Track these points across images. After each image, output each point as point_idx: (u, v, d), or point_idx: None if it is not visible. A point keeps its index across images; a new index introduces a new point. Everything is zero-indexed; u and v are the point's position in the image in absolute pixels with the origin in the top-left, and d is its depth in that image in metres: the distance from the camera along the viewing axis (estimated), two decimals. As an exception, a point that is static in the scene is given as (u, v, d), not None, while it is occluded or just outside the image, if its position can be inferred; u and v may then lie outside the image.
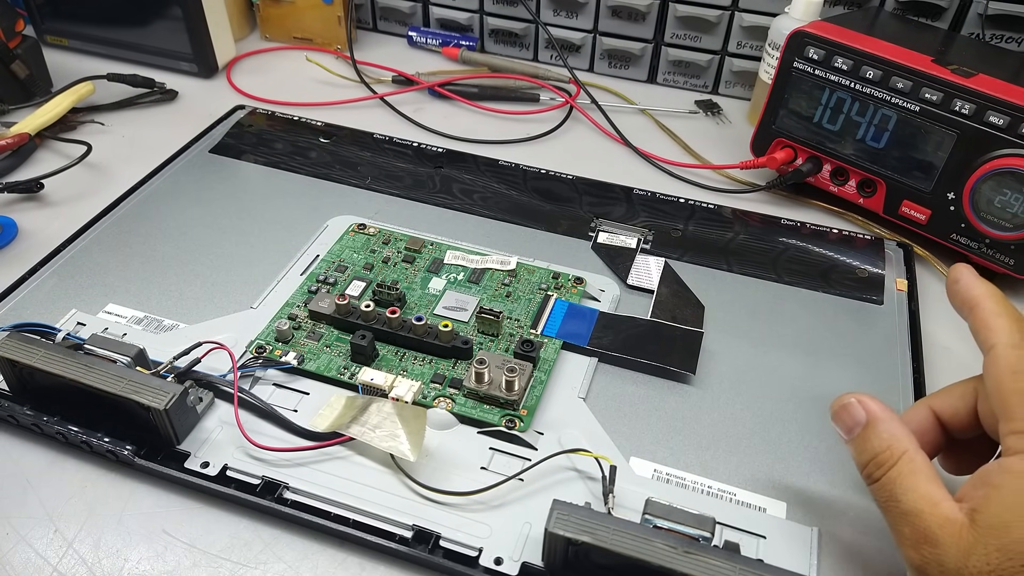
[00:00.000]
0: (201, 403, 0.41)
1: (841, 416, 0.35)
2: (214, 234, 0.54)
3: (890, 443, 0.32)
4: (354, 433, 0.39)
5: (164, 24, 0.73)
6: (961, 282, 0.35)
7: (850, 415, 0.34)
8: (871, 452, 0.33)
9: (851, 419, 0.34)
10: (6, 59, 0.66)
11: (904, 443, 0.32)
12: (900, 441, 0.32)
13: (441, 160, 0.63)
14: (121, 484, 0.39)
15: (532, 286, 0.50)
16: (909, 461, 0.32)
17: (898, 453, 0.32)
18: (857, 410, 0.34)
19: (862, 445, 0.33)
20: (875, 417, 0.33)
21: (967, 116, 0.49)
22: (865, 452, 0.33)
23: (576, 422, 0.42)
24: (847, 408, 0.34)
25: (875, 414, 0.33)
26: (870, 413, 0.33)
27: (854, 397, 0.34)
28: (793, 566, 0.35)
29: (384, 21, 0.85)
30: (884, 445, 0.32)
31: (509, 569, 0.35)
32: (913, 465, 0.32)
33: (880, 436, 0.33)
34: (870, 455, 0.33)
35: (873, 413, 0.33)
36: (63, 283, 0.49)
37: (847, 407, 0.34)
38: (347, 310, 0.45)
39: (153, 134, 0.67)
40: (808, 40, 0.55)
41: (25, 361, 0.39)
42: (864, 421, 0.33)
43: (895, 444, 0.32)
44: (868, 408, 0.34)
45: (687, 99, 0.74)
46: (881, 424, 0.33)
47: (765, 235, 0.56)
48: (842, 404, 0.35)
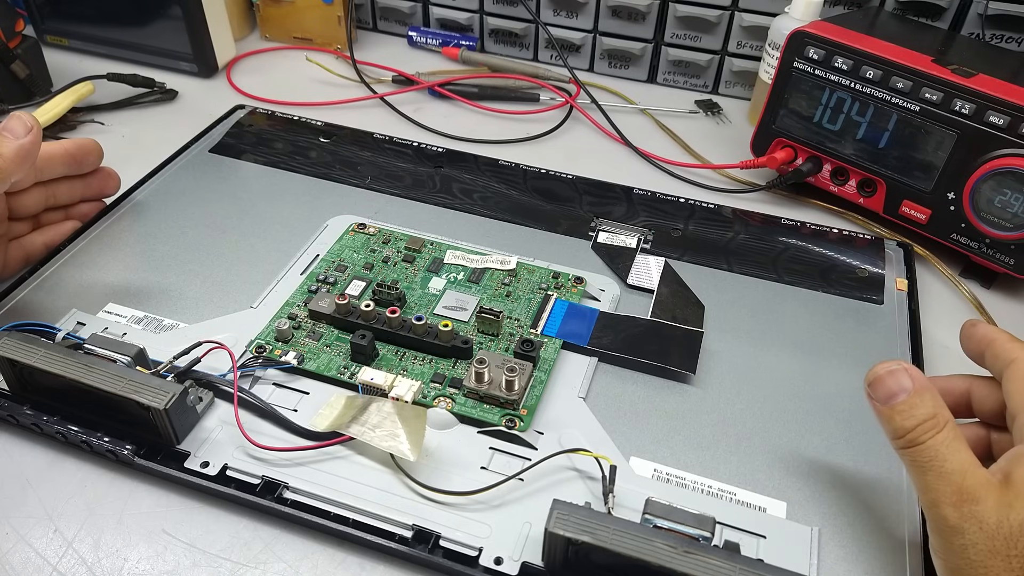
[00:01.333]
0: (201, 403, 0.41)
1: (886, 381, 0.35)
2: (214, 234, 0.54)
3: (938, 410, 0.34)
4: (354, 433, 0.39)
5: (164, 24, 0.73)
6: (978, 328, 0.39)
7: (896, 380, 0.35)
8: (920, 417, 0.34)
9: (897, 384, 0.35)
10: (6, 59, 0.66)
11: (947, 411, 0.34)
12: (944, 410, 0.34)
13: (441, 160, 0.63)
14: (121, 484, 0.39)
15: (532, 286, 0.50)
16: (953, 428, 0.33)
17: (944, 420, 0.33)
18: (904, 376, 0.35)
19: (908, 411, 0.34)
20: (923, 385, 0.34)
21: (967, 116, 0.49)
22: (913, 417, 0.34)
23: (576, 422, 0.42)
24: (894, 374, 0.35)
25: (923, 382, 0.35)
26: (916, 381, 0.34)
27: (901, 364, 0.35)
28: (793, 566, 0.35)
29: (384, 21, 0.85)
30: (933, 411, 0.34)
31: (509, 569, 0.35)
32: (956, 431, 0.33)
33: (927, 403, 0.34)
34: (919, 419, 0.34)
35: (921, 381, 0.35)
36: (63, 282, 0.49)
37: (894, 373, 0.35)
38: (347, 310, 0.45)
39: (153, 134, 0.67)
40: (808, 40, 0.55)
41: (25, 361, 0.39)
42: (911, 387, 0.34)
43: (941, 411, 0.34)
44: (915, 376, 0.35)
45: (687, 99, 0.74)
46: (928, 392, 0.34)
47: (765, 235, 0.56)
48: (889, 370, 0.35)
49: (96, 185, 0.54)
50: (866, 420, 0.43)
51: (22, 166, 0.44)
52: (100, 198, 0.55)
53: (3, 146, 0.43)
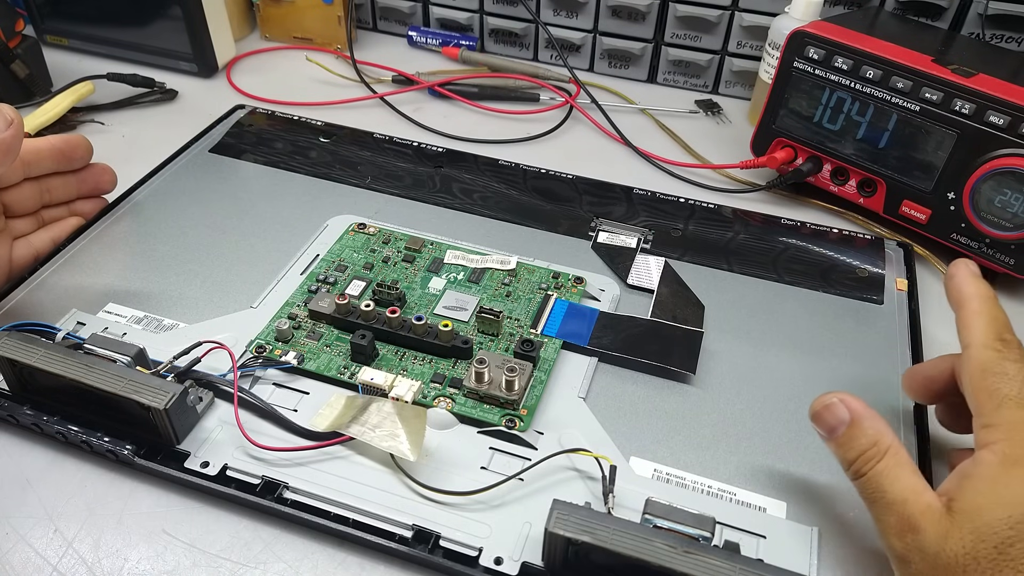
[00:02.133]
0: (201, 403, 0.41)
1: (824, 416, 0.35)
2: (214, 234, 0.54)
3: (877, 439, 0.33)
4: (354, 433, 0.39)
5: (164, 24, 0.73)
6: (955, 279, 0.37)
7: (833, 414, 0.35)
8: (859, 448, 0.34)
9: (835, 418, 0.35)
10: (6, 59, 0.66)
11: (889, 438, 0.34)
12: (885, 436, 0.34)
13: (441, 160, 0.63)
14: (121, 484, 0.39)
15: (532, 286, 0.50)
16: (895, 454, 0.33)
17: (884, 447, 0.33)
18: (840, 409, 0.35)
19: (849, 443, 0.34)
20: (859, 415, 0.34)
21: (967, 116, 0.49)
22: (853, 449, 0.34)
23: (576, 422, 0.42)
24: (830, 408, 0.35)
25: (859, 412, 0.34)
26: (853, 411, 0.34)
27: (836, 396, 0.35)
28: (793, 566, 0.35)
29: (384, 21, 0.85)
30: (871, 441, 0.33)
31: (509, 569, 0.35)
32: (899, 458, 0.33)
33: (866, 433, 0.34)
34: (858, 451, 0.34)
35: (856, 411, 0.34)
36: (63, 282, 0.49)
37: (830, 407, 0.35)
38: (347, 310, 0.45)
39: (153, 134, 0.67)
40: (808, 40, 0.55)
41: (25, 361, 0.39)
42: (848, 419, 0.34)
43: (881, 439, 0.33)
44: (851, 406, 0.35)
45: (687, 99, 0.74)
46: (865, 421, 0.34)
47: (765, 235, 0.56)
48: (825, 404, 0.35)
49: (90, 181, 0.54)
50: (866, 420, 0.43)
51: (4, 161, 0.44)
52: (96, 194, 0.55)
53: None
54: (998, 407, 0.32)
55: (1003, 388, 0.32)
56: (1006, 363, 0.33)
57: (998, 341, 0.34)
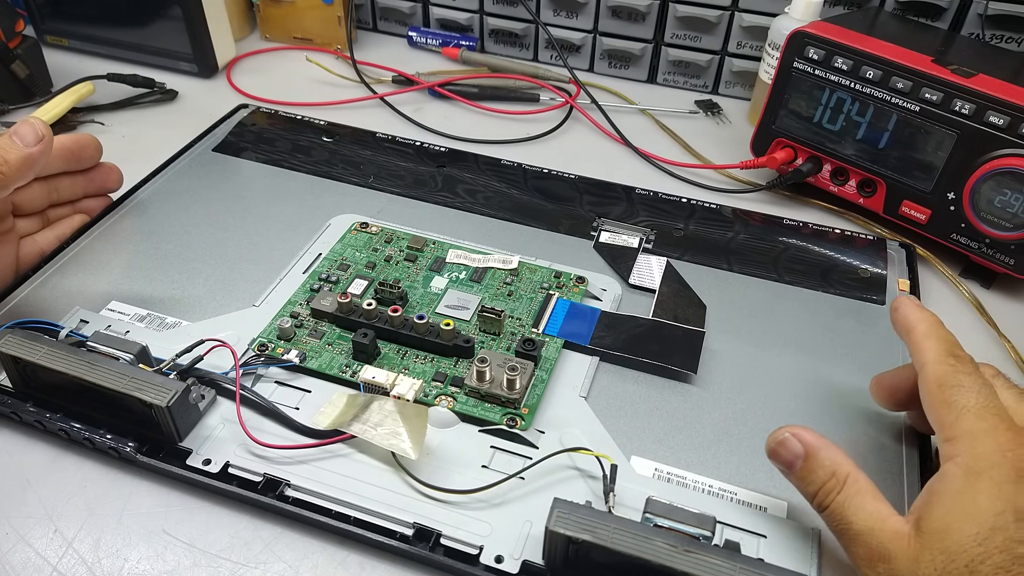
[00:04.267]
0: (203, 400, 0.41)
1: (779, 452, 0.35)
2: (217, 232, 0.54)
3: (834, 469, 0.33)
4: (355, 431, 0.39)
5: (164, 24, 0.73)
6: (900, 310, 0.38)
7: (788, 450, 0.35)
8: (818, 482, 0.34)
9: (789, 453, 0.35)
10: (6, 59, 0.66)
11: (846, 467, 0.34)
12: (842, 466, 0.34)
13: (443, 159, 0.63)
14: (122, 483, 0.39)
15: (534, 285, 0.50)
16: (854, 483, 0.33)
17: (842, 478, 0.33)
18: (794, 444, 0.35)
19: (807, 476, 0.34)
20: (813, 447, 0.34)
21: (967, 116, 0.50)
22: (812, 483, 0.34)
23: (577, 421, 0.42)
24: (784, 444, 0.35)
25: (811, 444, 0.34)
26: (807, 444, 0.34)
27: (788, 431, 0.35)
28: (793, 566, 0.35)
29: (384, 21, 0.85)
30: (828, 473, 0.34)
31: (510, 567, 0.35)
32: (858, 486, 0.33)
33: (823, 465, 0.34)
34: (817, 485, 0.34)
35: (809, 444, 0.34)
36: (66, 281, 0.49)
37: (783, 443, 0.35)
38: (349, 308, 0.45)
39: (153, 134, 0.67)
40: (808, 40, 0.55)
41: (28, 358, 0.39)
42: (802, 453, 0.34)
43: (838, 470, 0.33)
44: (804, 440, 0.35)
45: (687, 99, 0.75)
46: (821, 452, 0.34)
47: (766, 235, 0.56)
48: (777, 441, 0.35)
49: (98, 180, 0.54)
50: (866, 420, 0.43)
51: (26, 175, 0.44)
52: (103, 193, 0.55)
53: (10, 152, 0.43)
54: (957, 419, 0.32)
55: (960, 399, 0.33)
56: (961, 375, 0.34)
57: (951, 357, 0.34)
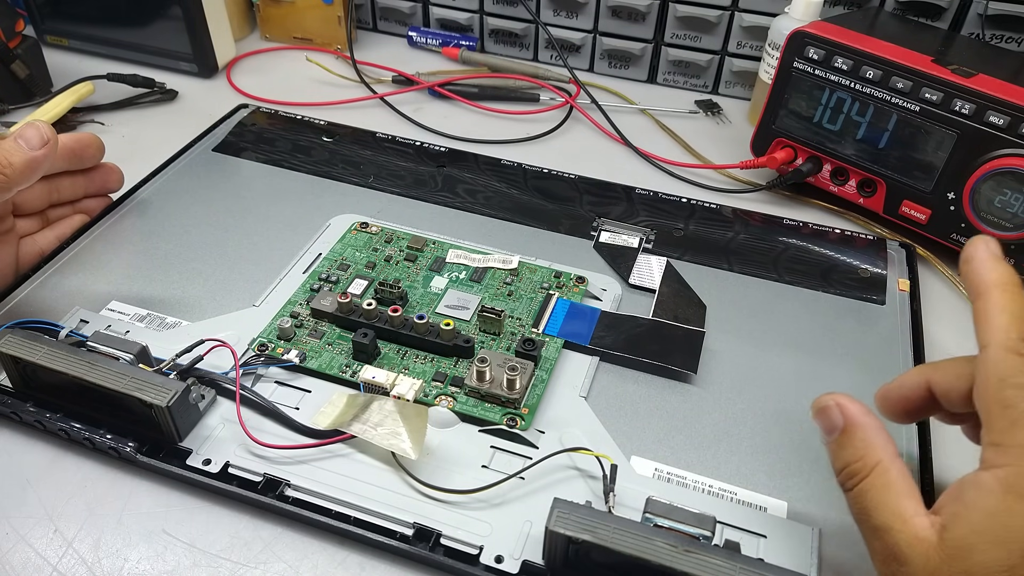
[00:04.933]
0: (203, 400, 0.41)
1: (820, 418, 0.34)
2: (217, 232, 0.54)
3: (863, 453, 0.31)
4: (355, 431, 0.39)
5: (164, 24, 0.73)
6: (973, 263, 0.31)
7: (827, 418, 0.33)
8: (845, 460, 0.32)
9: (829, 422, 0.33)
10: (6, 59, 0.66)
11: (878, 453, 0.31)
12: (874, 451, 0.31)
13: (443, 159, 0.63)
14: (121, 483, 0.39)
15: (534, 285, 0.50)
16: (882, 473, 0.31)
17: (871, 464, 0.31)
18: (835, 413, 0.33)
19: (837, 451, 0.32)
20: (852, 423, 0.32)
21: (967, 116, 0.50)
22: (839, 459, 0.32)
23: (577, 421, 0.42)
24: (825, 411, 0.33)
25: (853, 420, 0.32)
26: (848, 418, 0.32)
27: (833, 399, 0.33)
28: (793, 566, 0.35)
29: (384, 21, 0.85)
30: (857, 455, 0.31)
31: (510, 567, 0.35)
32: (886, 478, 0.30)
33: (854, 445, 0.32)
34: (844, 463, 0.32)
35: (851, 418, 0.32)
36: (66, 280, 0.49)
37: (825, 410, 0.33)
38: (349, 308, 0.45)
39: (153, 134, 0.67)
40: (808, 40, 0.55)
41: (28, 358, 0.39)
42: (841, 426, 0.32)
43: (868, 454, 0.31)
44: (846, 412, 0.32)
45: (687, 99, 0.74)
46: (857, 431, 0.32)
47: (766, 235, 0.56)
48: (821, 406, 0.33)
49: (99, 180, 0.54)
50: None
51: (30, 178, 0.44)
52: (104, 193, 0.55)
53: (14, 155, 0.43)
54: (1012, 425, 0.28)
55: (1021, 403, 0.28)
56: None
57: (1022, 343, 0.29)
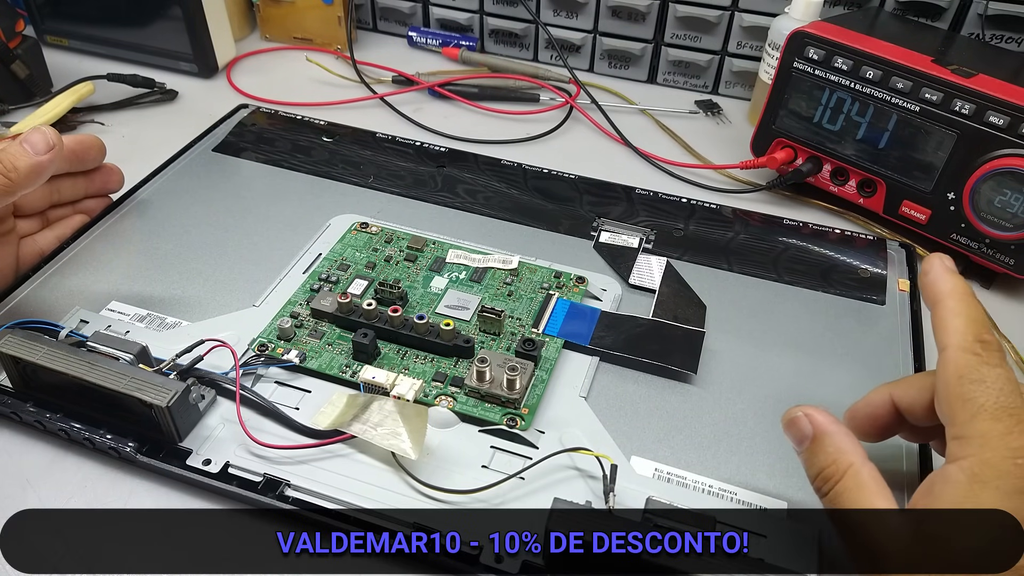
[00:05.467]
0: (203, 400, 0.41)
1: (791, 430, 0.35)
2: (217, 232, 0.54)
3: (835, 457, 0.32)
4: (355, 431, 0.39)
5: (164, 24, 0.73)
6: (930, 275, 0.34)
7: (798, 429, 0.34)
8: (818, 467, 0.33)
9: (799, 433, 0.34)
10: (6, 59, 0.66)
11: (849, 457, 0.32)
12: (845, 455, 0.32)
13: (443, 159, 0.63)
14: (121, 483, 0.39)
15: (534, 285, 0.50)
16: (855, 475, 0.32)
17: (843, 467, 0.32)
18: (804, 424, 0.34)
19: (810, 459, 0.34)
20: (821, 431, 0.33)
21: (967, 116, 0.50)
22: (813, 466, 0.33)
23: (577, 421, 0.42)
24: (793, 423, 0.34)
25: (821, 428, 0.33)
26: (816, 427, 0.34)
27: (801, 411, 0.34)
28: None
29: (384, 21, 0.85)
30: (830, 460, 0.33)
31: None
32: (859, 479, 0.32)
33: (826, 451, 0.33)
34: (817, 469, 0.33)
35: (820, 427, 0.33)
36: (66, 281, 0.49)
37: (794, 421, 0.34)
38: (349, 308, 0.45)
39: (153, 134, 0.67)
40: (808, 40, 0.55)
41: (28, 358, 0.39)
42: (811, 435, 0.34)
43: (840, 458, 0.32)
44: (815, 422, 0.34)
45: (687, 99, 0.75)
46: (827, 438, 0.33)
47: (766, 235, 0.56)
48: (790, 418, 0.35)
49: (99, 181, 0.54)
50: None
51: (34, 182, 0.44)
52: (104, 194, 0.55)
53: (20, 159, 0.43)
54: (972, 418, 0.30)
55: (979, 397, 0.30)
56: (984, 368, 0.31)
57: (977, 343, 0.31)
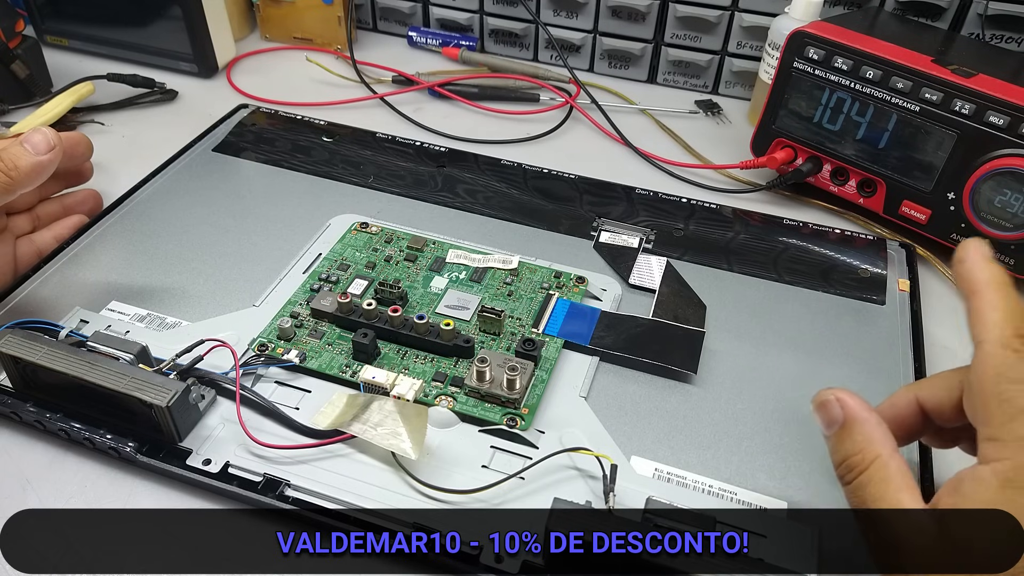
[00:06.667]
0: (203, 400, 0.41)
1: (820, 412, 0.34)
2: (217, 232, 0.54)
3: (863, 447, 0.31)
4: (355, 431, 0.39)
5: (164, 24, 0.73)
6: (966, 263, 0.32)
7: (828, 412, 0.33)
8: (844, 454, 0.32)
9: (829, 416, 0.33)
10: (6, 59, 0.66)
11: (877, 447, 0.31)
12: (873, 445, 0.31)
13: (443, 159, 0.63)
14: (121, 483, 0.39)
15: (534, 285, 0.50)
16: (881, 467, 0.31)
17: (870, 458, 0.31)
18: (835, 408, 0.33)
19: (837, 445, 0.33)
20: (852, 418, 0.32)
21: (967, 116, 0.50)
22: (838, 453, 0.32)
23: (577, 421, 0.42)
24: (825, 405, 0.33)
25: (852, 414, 0.32)
26: (848, 413, 0.33)
27: (833, 394, 0.33)
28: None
29: (384, 21, 0.85)
30: (856, 448, 0.32)
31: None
32: (885, 472, 0.31)
33: (854, 439, 0.32)
34: (843, 456, 0.32)
35: (851, 413, 0.32)
36: (66, 281, 0.49)
37: (825, 404, 0.33)
38: (349, 308, 0.45)
39: (153, 134, 0.67)
40: (808, 40, 0.55)
41: (28, 358, 0.39)
42: (841, 420, 0.33)
43: (867, 448, 0.31)
44: (846, 407, 0.33)
45: (687, 99, 0.74)
46: (856, 426, 0.32)
47: (766, 235, 0.56)
48: (822, 400, 0.34)
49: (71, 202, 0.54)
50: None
51: (34, 182, 0.45)
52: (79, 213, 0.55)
53: (21, 159, 0.43)
54: (1010, 420, 0.28)
55: (1018, 398, 0.28)
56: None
57: (1016, 339, 0.29)
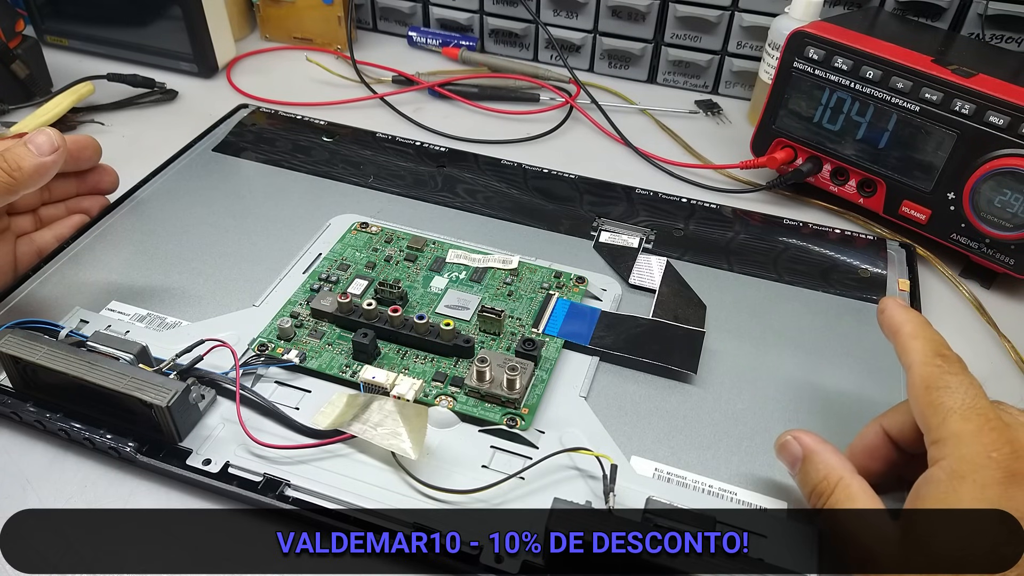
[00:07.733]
0: (203, 400, 0.41)
1: (782, 454, 0.37)
2: (217, 232, 0.54)
3: (825, 473, 0.35)
4: (355, 431, 0.39)
5: (164, 24, 0.73)
6: (887, 312, 0.38)
7: (789, 452, 0.37)
8: (810, 484, 0.35)
9: (790, 455, 0.37)
10: (6, 59, 0.66)
11: (838, 471, 0.35)
12: (834, 470, 0.35)
13: (443, 159, 0.63)
14: (121, 483, 0.39)
15: (534, 285, 0.50)
16: (845, 487, 0.34)
17: (834, 482, 0.34)
18: (794, 446, 0.36)
19: (803, 478, 0.36)
20: (809, 450, 0.36)
21: (967, 116, 0.50)
22: (806, 484, 0.36)
23: (577, 421, 0.42)
24: (784, 446, 0.37)
25: (810, 448, 0.36)
26: (805, 448, 0.36)
27: (790, 435, 0.37)
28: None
29: (384, 21, 0.85)
30: (820, 476, 0.35)
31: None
32: (849, 491, 0.34)
33: (816, 467, 0.35)
34: (810, 486, 0.35)
35: (808, 447, 0.36)
36: (66, 280, 0.49)
37: (785, 445, 0.37)
38: (349, 308, 0.45)
39: (153, 134, 0.67)
40: (808, 40, 0.55)
41: (28, 358, 0.39)
42: (801, 456, 0.36)
43: (830, 473, 0.35)
44: (803, 443, 0.36)
45: (687, 99, 0.75)
46: (815, 456, 0.35)
47: (766, 235, 0.56)
48: (781, 443, 0.37)
49: (92, 180, 0.54)
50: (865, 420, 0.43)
51: (37, 183, 0.45)
52: (97, 193, 0.55)
53: (24, 160, 0.43)
54: (943, 421, 0.32)
55: (947, 401, 0.33)
56: (947, 376, 0.33)
57: (937, 357, 0.34)
